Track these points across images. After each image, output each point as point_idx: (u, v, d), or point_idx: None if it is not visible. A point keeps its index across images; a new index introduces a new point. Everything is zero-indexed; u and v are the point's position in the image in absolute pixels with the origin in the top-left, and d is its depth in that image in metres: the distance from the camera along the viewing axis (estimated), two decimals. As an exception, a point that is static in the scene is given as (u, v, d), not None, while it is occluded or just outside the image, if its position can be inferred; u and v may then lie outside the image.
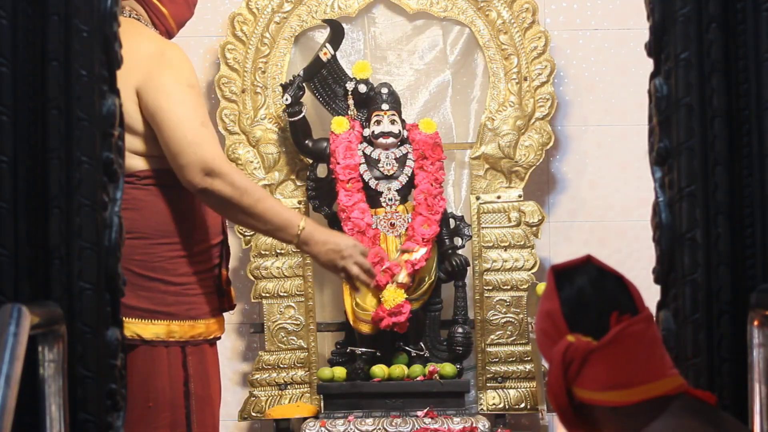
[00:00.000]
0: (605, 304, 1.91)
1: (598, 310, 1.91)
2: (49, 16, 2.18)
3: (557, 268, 1.96)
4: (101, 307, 2.20)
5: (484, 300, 4.32)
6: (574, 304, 1.91)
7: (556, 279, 1.94)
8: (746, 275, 2.21)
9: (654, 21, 2.30)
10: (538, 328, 1.98)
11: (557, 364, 1.88)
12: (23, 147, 2.16)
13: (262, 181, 4.34)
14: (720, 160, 2.23)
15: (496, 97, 4.36)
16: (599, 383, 1.87)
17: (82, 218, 2.18)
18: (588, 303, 1.92)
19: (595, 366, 1.86)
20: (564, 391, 1.89)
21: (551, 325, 1.92)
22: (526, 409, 4.29)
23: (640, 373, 1.87)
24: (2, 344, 1.83)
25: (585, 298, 1.92)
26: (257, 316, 4.52)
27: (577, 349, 1.87)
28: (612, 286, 1.94)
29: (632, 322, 1.88)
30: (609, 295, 1.92)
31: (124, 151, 2.33)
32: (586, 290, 1.92)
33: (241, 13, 4.34)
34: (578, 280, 1.93)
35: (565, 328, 1.90)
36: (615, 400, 1.86)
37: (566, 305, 1.91)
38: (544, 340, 1.95)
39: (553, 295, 1.93)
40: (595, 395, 1.87)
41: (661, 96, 2.29)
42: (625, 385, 1.86)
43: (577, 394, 1.89)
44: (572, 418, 1.92)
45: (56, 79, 2.18)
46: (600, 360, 1.86)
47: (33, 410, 2.08)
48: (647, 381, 1.87)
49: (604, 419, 1.90)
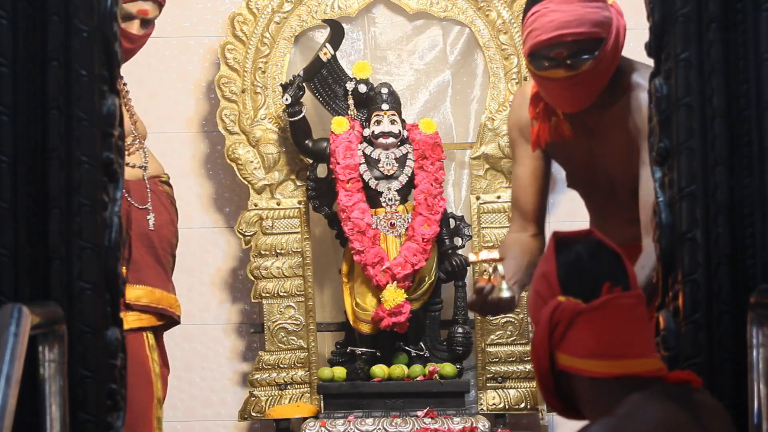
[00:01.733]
0: (600, 273, 1.95)
1: (592, 277, 1.94)
2: (49, 16, 2.18)
3: (559, 234, 1.99)
4: (101, 307, 2.20)
5: (484, 300, 4.31)
6: (570, 268, 1.96)
7: (556, 244, 1.97)
8: (746, 275, 2.21)
9: (654, 21, 2.30)
10: (533, 290, 2.02)
11: (544, 324, 1.92)
12: (23, 147, 2.16)
13: (262, 181, 4.34)
14: (720, 160, 2.23)
15: (496, 97, 4.36)
16: (582, 349, 1.90)
17: (82, 218, 2.18)
18: (583, 269, 1.96)
19: (580, 330, 1.90)
20: (547, 354, 1.93)
21: (545, 286, 1.96)
22: (526, 409, 4.29)
23: (622, 346, 1.90)
24: (2, 344, 1.83)
25: (581, 264, 1.96)
26: (257, 316, 4.52)
27: (565, 309, 1.91)
28: (609, 258, 1.98)
29: (623, 295, 1.92)
30: (605, 265, 1.96)
31: (124, 151, 2.33)
32: (583, 257, 1.96)
33: (241, 13, 4.34)
34: (577, 247, 1.97)
35: (558, 289, 1.95)
36: (595, 369, 1.89)
37: (562, 268, 1.96)
38: (536, 302, 1.99)
39: (551, 258, 1.97)
40: (576, 362, 1.90)
41: (661, 96, 2.29)
42: (607, 356, 1.89)
43: (559, 360, 1.92)
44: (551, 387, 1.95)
45: (56, 79, 2.18)
46: (586, 324, 1.90)
47: (33, 410, 2.08)
48: (629, 356, 1.90)
49: (582, 391, 1.92)
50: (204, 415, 4.57)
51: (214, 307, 4.59)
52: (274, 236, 4.33)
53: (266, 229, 4.33)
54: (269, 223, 4.33)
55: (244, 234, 4.33)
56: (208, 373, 4.58)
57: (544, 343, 1.93)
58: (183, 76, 4.58)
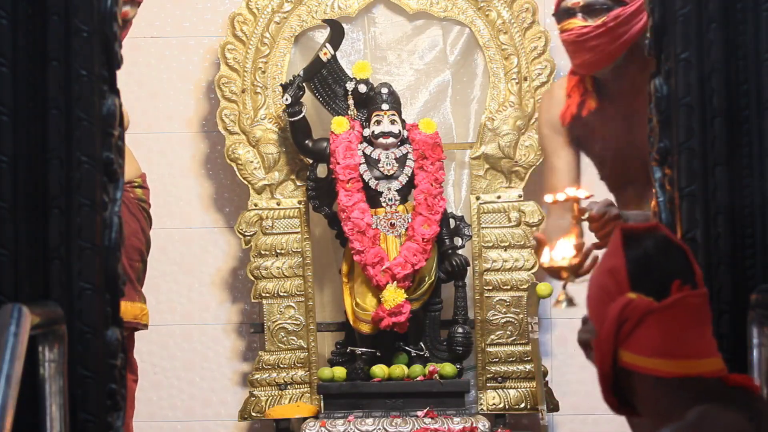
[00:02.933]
0: (669, 270, 1.89)
1: (661, 274, 1.89)
2: (49, 16, 2.18)
3: (625, 228, 1.95)
4: (101, 307, 2.20)
5: (484, 300, 4.32)
6: (640, 264, 1.90)
7: (623, 238, 1.92)
8: (746, 275, 2.21)
9: (654, 21, 2.30)
10: (596, 285, 1.95)
11: (612, 321, 1.86)
12: (23, 147, 2.15)
13: (262, 181, 4.34)
14: (720, 160, 2.23)
15: (496, 97, 4.36)
16: (649, 348, 1.84)
17: (82, 218, 2.18)
18: (653, 265, 1.90)
19: (649, 328, 1.84)
20: (611, 351, 1.87)
21: (612, 281, 1.90)
22: (526, 409, 4.29)
23: (689, 346, 1.86)
24: (2, 344, 1.83)
25: (651, 260, 1.90)
26: (257, 316, 4.52)
27: (637, 306, 1.85)
28: (678, 254, 1.93)
29: (693, 294, 1.87)
30: (673, 261, 1.91)
31: (124, 151, 2.33)
32: (652, 253, 1.91)
33: (241, 13, 4.34)
34: (646, 242, 1.92)
35: (627, 285, 1.88)
36: (660, 369, 1.84)
37: (632, 263, 1.89)
38: (601, 297, 1.92)
39: (619, 253, 1.91)
40: (641, 361, 1.85)
41: (661, 96, 2.29)
42: (674, 355, 1.84)
43: (623, 358, 1.87)
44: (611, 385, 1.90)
45: (56, 79, 2.18)
46: (655, 323, 1.84)
47: (33, 410, 2.08)
48: (694, 356, 1.85)
49: (644, 390, 1.87)
50: (204, 415, 4.57)
51: (214, 307, 4.59)
52: (274, 236, 4.33)
53: (266, 229, 4.33)
54: (269, 223, 4.33)
55: (244, 234, 4.33)
56: (208, 373, 4.58)
57: (610, 339, 1.86)
58: (183, 76, 4.58)
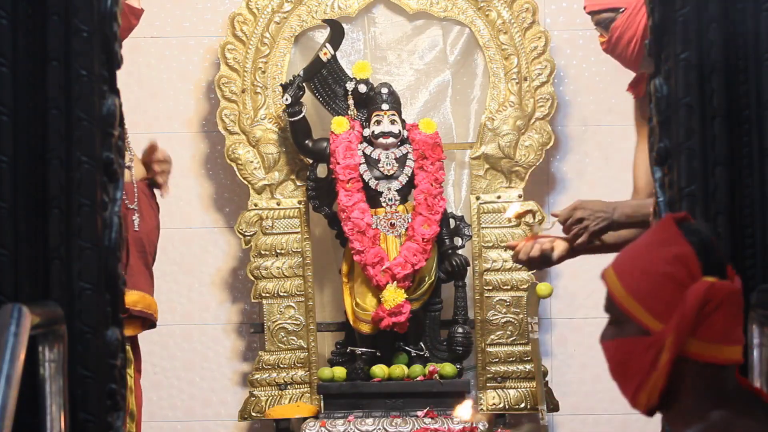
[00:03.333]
0: (722, 255, 1.90)
1: (721, 259, 1.88)
2: (49, 16, 2.17)
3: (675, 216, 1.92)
4: (101, 307, 2.20)
5: (484, 300, 4.32)
6: (705, 249, 1.88)
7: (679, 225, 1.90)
8: (746, 275, 2.21)
9: (654, 21, 2.30)
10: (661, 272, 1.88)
11: (692, 306, 1.82)
12: (23, 147, 2.15)
13: (262, 181, 4.34)
14: (720, 160, 2.23)
15: (496, 97, 4.36)
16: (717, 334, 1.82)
17: (82, 218, 2.18)
18: (714, 250, 1.89)
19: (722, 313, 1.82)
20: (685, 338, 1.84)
21: (682, 268, 1.85)
22: (526, 409, 4.29)
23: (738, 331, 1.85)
24: (2, 344, 1.83)
25: (712, 245, 1.90)
26: (257, 316, 4.52)
27: (720, 288, 1.82)
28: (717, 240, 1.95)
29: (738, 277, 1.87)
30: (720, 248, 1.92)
31: (124, 151, 2.33)
32: (710, 239, 1.90)
33: (241, 13, 4.34)
34: (701, 228, 1.91)
35: (699, 272, 1.85)
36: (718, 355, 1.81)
37: (698, 249, 1.88)
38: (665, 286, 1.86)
39: (681, 240, 1.87)
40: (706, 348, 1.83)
41: (661, 96, 2.28)
42: (730, 341, 1.83)
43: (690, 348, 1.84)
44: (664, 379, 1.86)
45: (56, 79, 2.18)
46: (726, 308, 1.83)
47: (33, 410, 2.08)
48: (739, 341, 1.85)
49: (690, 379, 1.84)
50: (204, 415, 4.57)
51: (214, 307, 4.59)
52: (274, 236, 4.34)
53: (266, 229, 4.33)
54: (269, 223, 4.33)
55: (244, 234, 4.33)
56: (208, 373, 4.58)
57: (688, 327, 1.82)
58: (183, 76, 4.58)
